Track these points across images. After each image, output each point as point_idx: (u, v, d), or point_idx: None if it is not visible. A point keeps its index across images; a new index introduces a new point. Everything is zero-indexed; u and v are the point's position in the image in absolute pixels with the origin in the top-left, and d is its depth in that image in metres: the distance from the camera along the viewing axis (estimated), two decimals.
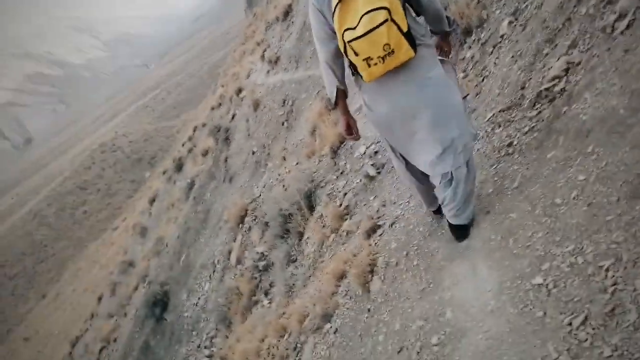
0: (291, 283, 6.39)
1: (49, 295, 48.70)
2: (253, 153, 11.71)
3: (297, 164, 8.86)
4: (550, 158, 2.55)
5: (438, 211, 3.11)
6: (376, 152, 5.69)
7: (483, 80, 4.10)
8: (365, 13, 2.13)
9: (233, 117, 14.92)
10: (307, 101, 9.80)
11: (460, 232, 2.84)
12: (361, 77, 2.38)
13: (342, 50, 2.32)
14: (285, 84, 11.38)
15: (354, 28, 2.17)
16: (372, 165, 5.52)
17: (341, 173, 6.58)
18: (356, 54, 2.23)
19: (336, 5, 2.21)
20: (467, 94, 4.32)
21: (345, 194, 6.03)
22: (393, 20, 2.14)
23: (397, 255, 3.43)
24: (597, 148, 2.30)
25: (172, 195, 22.74)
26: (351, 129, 2.79)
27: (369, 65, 2.25)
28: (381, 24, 2.12)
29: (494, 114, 3.49)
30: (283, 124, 10.71)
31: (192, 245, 12.92)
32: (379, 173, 5.36)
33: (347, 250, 4.64)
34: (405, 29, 2.19)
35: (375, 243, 3.98)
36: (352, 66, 2.37)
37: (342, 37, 2.23)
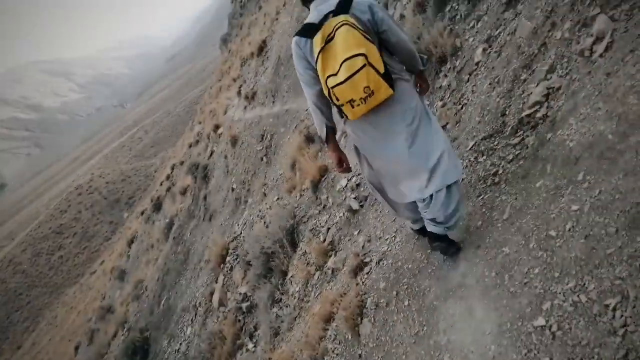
0: (276, 325, 6.12)
1: (25, 346, 46.66)
2: (232, 190, 11.50)
3: (278, 199, 8.68)
4: (539, 187, 2.44)
5: (422, 230, 3.16)
6: (358, 185, 5.56)
7: (462, 108, 4.03)
8: (345, 60, 2.27)
9: (211, 154, 14.74)
10: (286, 135, 9.70)
11: (442, 243, 2.85)
12: (346, 116, 2.53)
13: (326, 94, 2.44)
14: (263, 118, 11.30)
15: (336, 74, 2.30)
16: (354, 198, 5.37)
17: (323, 207, 6.42)
18: (339, 99, 2.37)
19: (318, 54, 2.34)
20: (447, 123, 4.24)
21: (329, 228, 5.86)
22: (370, 65, 2.28)
23: (387, 295, 3.26)
24: (588, 176, 2.20)
25: (151, 235, 22.22)
26: (342, 163, 2.93)
27: (353, 107, 2.40)
28: (360, 69, 2.26)
29: (476, 142, 3.40)
30: (262, 159, 10.57)
31: (173, 287, 12.50)
32: (361, 206, 5.21)
33: (333, 290, 4.44)
34: (382, 70, 2.33)
35: (363, 282, 3.80)
36: (337, 106, 2.48)
37: (326, 83, 2.37)
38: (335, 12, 2.40)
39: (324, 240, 5.79)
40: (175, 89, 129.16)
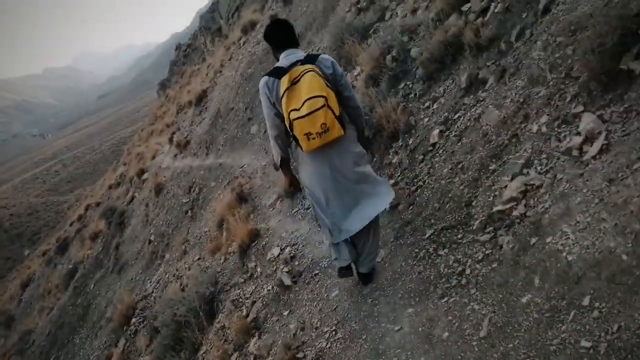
0: None
1: None
2: (150, 242, 10.54)
3: (199, 259, 7.94)
4: (526, 303, 2.08)
5: (346, 269, 3.41)
6: (292, 257, 5.07)
7: (417, 190, 3.75)
8: (308, 99, 2.72)
9: (131, 200, 13.67)
10: (216, 190, 9.11)
11: (367, 278, 3.39)
12: (300, 147, 2.92)
13: (287, 125, 2.87)
14: (194, 169, 10.66)
15: (298, 109, 2.74)
16: (287, 272, 4.86)
17: (250, 276, 5.82)
18: (298, 130, 2.78)
19: (284, 92, 2.80)
20: (398, 204, 3.93)
21: (254, 302, 5.26)
22: (329, 106, 2.76)
23: None
24: (598, 302, 1.82)
25: (50, 280, 20.04)
26: (292, 185, 3.38)
27: (309, 139, 2.80)
28: (320, 107, 2.72)
29: (435, 232, 3.07)
30: (187, 212, 9.82)
31: (64, 346, 10.98)
32: (295, 282, 4.70)
33: None
34: (337, 113, 2.82)
35: None
36: (294, 138, 2.90)
37: (289, 115, 2.79)
38: (303, 62, 2.92)
39: (247, 315, 5.17)
40: (103, 126, 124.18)
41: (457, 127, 3.88)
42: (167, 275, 8.69)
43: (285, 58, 3.02)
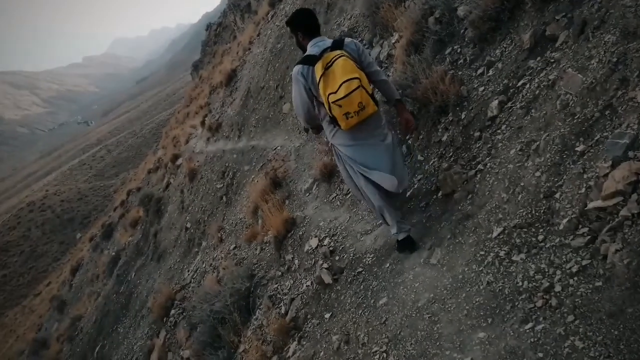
0: None
1: None
2: (186, 229, 10.30)
3: (235, 247, 7.58)
4: None
5: (406, 241, 3.40)
6: (332, 251, 4.56)
7: (477, 175, 3.13)
8: (344, 82, 2.95)
9: (167, 187, 13.48)
10: (250, 175, 8.68)
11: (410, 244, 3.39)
12: (339, 126, 3.16)
13: (326, 108, 3.09)
14: (226, 153, 10.25)
15: (335, 92, 2.97)
16: (327, 269, 4.36)
17: (287, 269, 5.38)
18: (339, 110, 2.99)
19: (320, 78, 3.02)
20: (453, 191, 3.34)
21: (293, 299, 4.83)
22: (363, 86, 3.00)
23: None
24: None
25: (97, 265, 20.49)
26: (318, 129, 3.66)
27: (347, 118, 3.03)
28: (356, 88, 2.96)
29: (505, 230, 2.48)
30: (222, 198, 9.46)
31: (110, 335, 11.02)
32: (336, 280, 4.20)
33: None
34: (370, 92, 3.07)
35: None
36: (333, 120, 3.15)
37: (327, 99, 3.02)
38: (332, 48, 3.14)
39: (286, 314, 4.75)
40: (143, 111, 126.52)
41: (523, 96, 3.22)
42: (204, 265, 8.40)
43: (316, 46, 3.23)
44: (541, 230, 2.27)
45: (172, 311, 8.17)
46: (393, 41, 6.23)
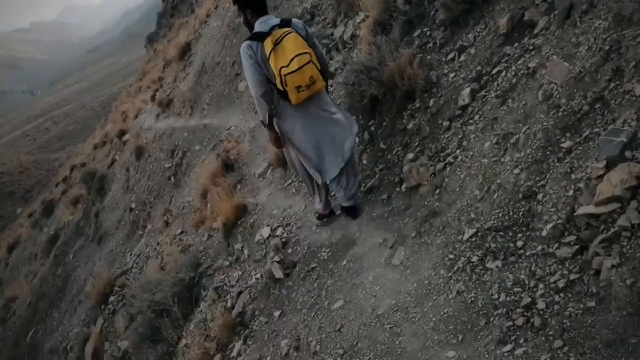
0: None
1: None
2: (131, 210, 9.69)
3: (181, 232, 7.12)
4: None
5: (330, 214, 3.92)
6: (285, 243, 4.23)
7: (445, 168, 2.86)
8: (296, 55, 3.09)
9: (112, 163, 12.70)
10: (201, 154, 8.19)
11: (353, 212, 3.67)
12: (289, 101, 3.25)
13: (277, 82, 3.17)
14: (177, 131, 9.67)
15: (287, 65, 3.07)
16: (278, 262, 4.02)
17: (236, 259, 5.01)
18: (289, 84, 3.10)
19: (270, 53, 3.12)
20: (418, 184, 3.07)
21: (240, 292, 4.48)
22: (313, 62, 3.18)
23: None
24: None
25: (36, 244, 19.35)
26: (279, 140, 3.63)
27: (298, 91, 3.15)
28: (307, 63, 3.12)
29: (478, 233, 2.21)
30: (170, 178, 8.92)
31: (43, 320, 10.31)
32: (287, 275, 3.88)
33: None
34: (319, 68, 3.25)
35: None
36: (282, 94, 3.25)
37: (279, 72, 3.10)
38: (280, 26, 3.21)
39: (232, 308, 4.41)
40: (94, 82, 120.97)
41: (498, 85, 2.96)
42: (147, 249, 7.89)
43: (264, 23, 3.27)
44: (520, 235, 2.01)
45: (111, 298, 7.63)
46: (358, 21, 5.89)
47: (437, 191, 2.80)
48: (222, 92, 8.80)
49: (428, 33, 4.35)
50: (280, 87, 3.15)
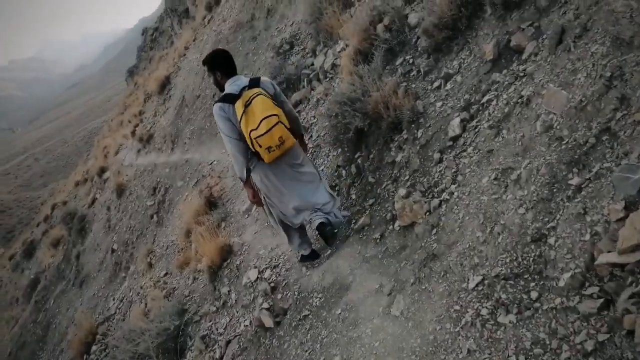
0: None
1: None
2: (112, 252, 9.34)
3: (165, 274, 6.81)
4: None
5: (312, 254, 3.88)
6: (274, 288, 3.98)
7: (441, 205, 2.67)
8: (263, 118, 3.21)
9: (93, 203, 12.35)
10: (184, 191, 7.93)
11: (325, 231, 3.65)
12: (262, 160, 3.40)
13: (249, 144, 3.31)
14: (158, 167, 9.41)
15: (256, 129, 3.22)
16: (267, 309, 3.77)
17: (223, 304, 4.75)
18: (260, 146, 3.25)
19: (241, 116, 3.25)
20: (412, 222, 2.87)
21: (229, 341, 4.21)
22: (281, 122, 3.28)
23: None
24: None
25: (17, 288, 18.70)
26: (256, 196, 3.73)
27: (269, 152, 3.29)
28: (275, 124, 3.24)
29: (485, 280, 2.01)
30: (152, 217, 8.63)
31: None
32: (278, 324, 3.63)
33: None
34: (288, 126, 3.36)
35: None
36: (256, 154, 3.40)
37: (249, 135, 3.25)
38: (249, 87, 3.38)
39: (221, 359, 4.11)
40: (75, 118, 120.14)
41: (490, 114, 2.81)
42: (130, 293, 7.55)
43: (234, 84, 3.41)
44: (533, 284, 1.82)
45: (94, 347, 7.25)
46: (338, 50, 5.78)
47: (434, 231, 2.60)
48: (204, 126, 8.61)
49: (411, 61, 4.23)
50: (252, 149, 3.31)
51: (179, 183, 8.28)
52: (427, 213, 2.78)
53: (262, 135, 3.17)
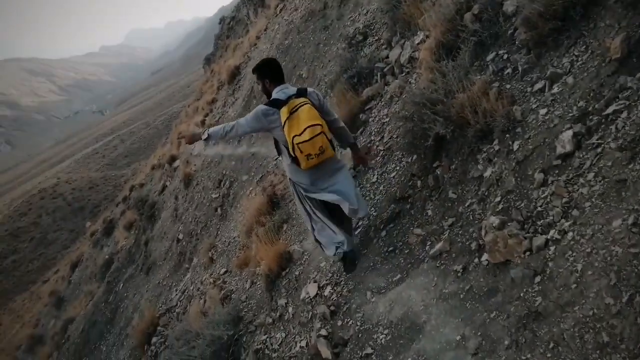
0: None
1: None
2: (178, 241, 9.35)
3: (225, 272, 6.61)
4: None
5: (345, 258, 3.97)
6: (334, 313, 3.55)
7: (548, 246, 2.10)
8: (308, 126, 3.29)
9: (163, 190, 12.54)
10: (248, 186, 7.70)
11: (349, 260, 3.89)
12: (299, 165, 3.48)
13: (290, 148, 3.39)
14: (225, 159, 9.27)
15: (300, 134, 3.29)
16: (325, 337, 3.35)
17: (279, 317, 4.41)
18: (301, 152, 3.33)
19: (285, 121, 3.33)
20: (507, 260, 2.31)
21: None
22: (324, 133, 3.35)
23: None
24: None
25: (96, 263, 19.73)
26: (191, 140, 3.79)
27: (308, 159, 3.38)
28: (319, 133, 3.31)
29: None
30: (216, 210, 8.50)
31: (92, 352, 10.13)
32: (337, 355, 3.20)
33: None
34: (330, 138, 3.45)
35: None
36: (294, 159, 3.47)
37: (292, 140, 3.32)
38: (297, 96, 3.46)
39: None
40: (157, 102, 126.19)
41: (619, 131, 2.17)
42: (192, 287, 7.46)
43: (282, 92, 3.48)
44: None
45: (154, 339, 7.23)
46: (417, 42, 5.18)
47: (538, 279, 2.03)
48: None
49: (505, 56, 3.59)
50: (292, 154, 3.37)
51: (244, 177, 8.06)
52: (527, 253, 2.21)
53: (305, 141, 3.26)
